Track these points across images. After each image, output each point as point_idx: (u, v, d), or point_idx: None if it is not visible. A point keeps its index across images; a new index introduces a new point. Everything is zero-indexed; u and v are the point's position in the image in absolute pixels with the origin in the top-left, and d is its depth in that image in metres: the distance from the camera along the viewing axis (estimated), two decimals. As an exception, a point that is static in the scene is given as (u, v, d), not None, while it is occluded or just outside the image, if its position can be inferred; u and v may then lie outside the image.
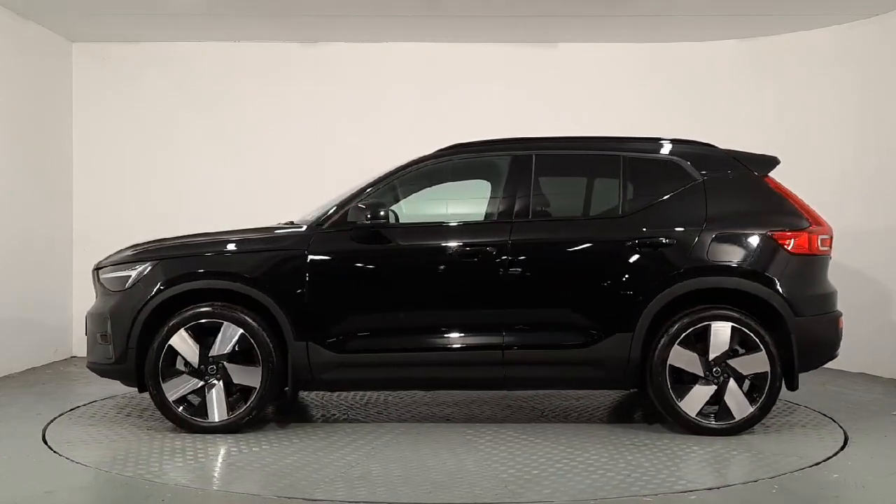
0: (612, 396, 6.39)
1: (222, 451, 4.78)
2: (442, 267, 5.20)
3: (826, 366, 7.64)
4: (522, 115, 8.37)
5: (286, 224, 5.70)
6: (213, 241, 5.37)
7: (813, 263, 5.34)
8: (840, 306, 7.69)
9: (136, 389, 5.24)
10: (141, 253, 5.31)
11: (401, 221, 5.44)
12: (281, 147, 8.46)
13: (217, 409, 5.09)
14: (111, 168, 8.49)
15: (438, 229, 5.36)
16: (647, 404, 6.10)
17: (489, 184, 5.62)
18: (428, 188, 5.61)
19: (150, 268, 5.18)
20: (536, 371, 5.26)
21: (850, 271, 7.70)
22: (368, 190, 5.31)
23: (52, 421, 5.51)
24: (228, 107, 8.52)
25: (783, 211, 5.35)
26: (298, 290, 5.10)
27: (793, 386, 5.23)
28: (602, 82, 8.55)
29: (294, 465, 4.50)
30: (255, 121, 8.51)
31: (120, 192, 8.46)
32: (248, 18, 7.75)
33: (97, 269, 5.43)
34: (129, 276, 5.19)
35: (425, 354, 5.16)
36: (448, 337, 5.16)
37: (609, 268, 5.17)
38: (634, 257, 5.15)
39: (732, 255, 5.19)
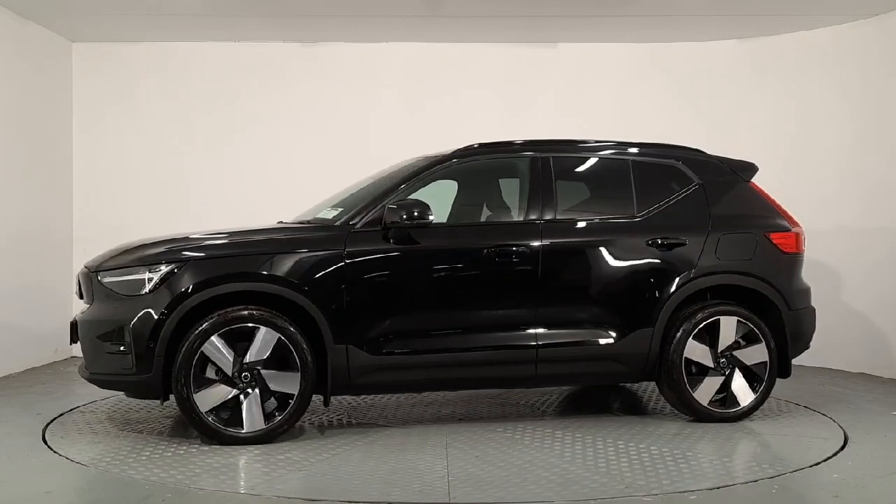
0: (596, 393, 6.41)
1: (243, 455, 4.68)
2: (478, 267, 5.23)
3: (826, 366, 7.74)
4: (522, 115, 8.38)
5: (279, 223, 5.68)
6: (245, 242, 5.11)
7: (798, 261, 5.80)
8: (840, 306, 7.76)
9: (151, 400, 5.11)
10: (162, 254, 4.92)
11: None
12: (281, 147, 8.46)
13: (254, 419, 4.83)
14: (111, 168, 8.49)
15: (473, 230, 5.43)
16: (619, 399, 6.15)
17: (514, 184, 5.69)
18: (452, 187, 5.69)
19: (176, 270, 4.84)
20: (567, 368, 5.38)
21: (850, 271, 7.71)
22: (399, 189, 5.25)
23: (52, 421, 5.51)
24: (228, 107, 8.52)
25: (770, 214, 5.81)
26: (337, 292, 4.95)
27: (786, 374, 5.64)
28: (602, 82, 8.56)
29: (376, 471, 4.40)
30: (254, 121, 8.50)
31: (120, 192, 8.47)
32: (248, 18, 7.75)
33: (96, 271, 5.03)
34: (151, 279, 4.83)
35: (463, 354, 5.17)
36: (485, 336, 5.21)
37: (633, 267, 5.43)
38: (654, 257, 5.45)
39: (737, 255, 5.60)
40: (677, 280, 5.44)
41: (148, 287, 4.83)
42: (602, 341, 5.33)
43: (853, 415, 5.77)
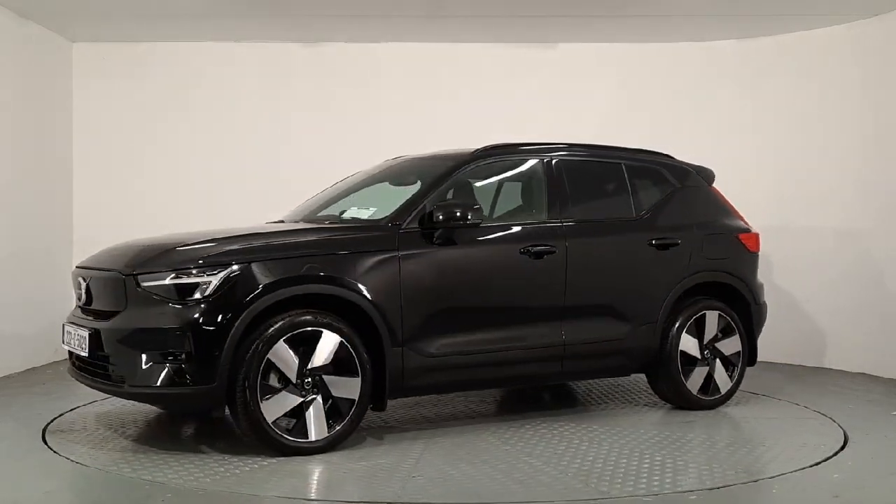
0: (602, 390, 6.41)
1: (315, 463, 4.52)
2: (518, 267, 5.31)
3: (826, 366, 7.75)
4: (522, 115, 8.38)
5: (277, 222, 5.65)
6: (306, 243, 4.87)
7: (757, 259, 6.30)
8: (840, 306, 7.76)
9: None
10: (221, 255, 4.59)
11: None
12: (281, 147, 8.47)
13: (318, 427, 4.62)
14: (111, 168, 8.49)
15: (509, 230, 5.45)
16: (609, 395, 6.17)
17: (530, 185, 5.79)
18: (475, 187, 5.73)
19: (240, 272, 4.53)
20: (587, 363, 5.61)
21: (850, 271, 7.71)
22: (435, 189, 5.22)
23: (52, 421, 5.50)
24: (228, 107, 8.52)
25: (735, 216, 6.30)
26: (394, 294, 4.85)
27: (753, 362, 6.11)
28: (602, 82, 8.56)
29: (494, 472, 4.38)
30: (254, 121, 8.51)
31: (120, 192, 8.46)
32: (248, 18, 7.75)
33: (132, 274, 4.57)
34: (209, 282, 4.48)
35: (505, 353, 5.24)
36: (523, 334, 5.29)
37: (640, 266, 5.74)
38: (656, 256, 5.78)
39: (719, 254, 6.05)
40: (675, 277, 5.81)
41: (208, 290, 4.48)
42: (616, 337, 5.59)
43: (853, 415, 5.77)
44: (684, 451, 4.83)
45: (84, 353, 4.76)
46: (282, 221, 5.84)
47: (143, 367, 4.47)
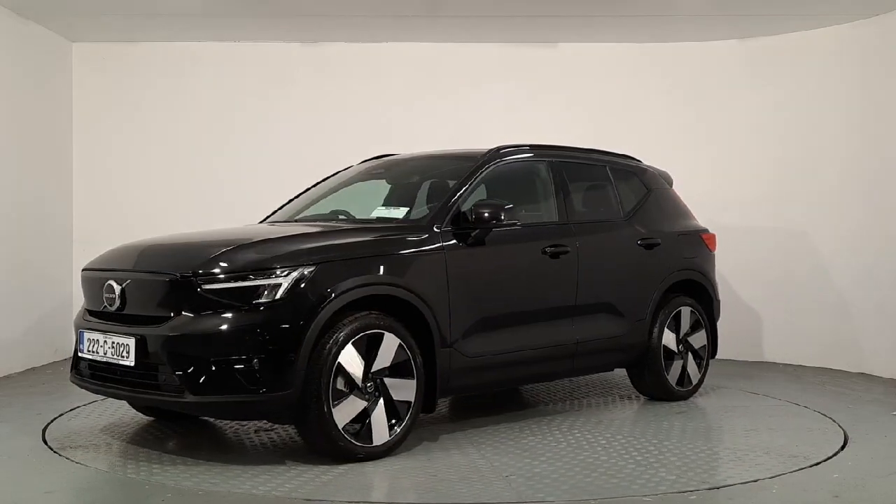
0: (597, 390, 6.41)
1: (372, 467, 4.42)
2: (540, 267, 5.41)
3: (826, 366, 7.74)
4: (522, 115, 8.38)
5: (284, 222, 5.65)
6: (361, 243, 4.73)
7: (714, 258, 6.67)
8: (841, 307, 7.75)
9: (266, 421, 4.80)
10: (289, 256, 4.41)
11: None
12: (281, 147, 8.47)
13: (381, 431, 4.49)
14: (111, 168, 8.49)
15: (531, 231, 5.50)
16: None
17: (537, 185, 5.81)
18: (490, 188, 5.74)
19: (310, 273, 4.35)
20: (591, 360, 5.79)
21: (850, 272, 7.71)
22: (465, 188, 5.20)
23: (52, 421, 5.50)
24: (228, 107, 8.52)
25: (692, 217, 6.66)
26: (442, 294, 4.82)
27: (715, 354, 6.51)
28: (602, 82, 8.56)
29: (576, 468, 4.41)
30: (254, 121, 8.51)
31: (120, 192, 8.47)
32: (248, 18, 7.76)
33: (192, 277, 4.30)
34: (280, 285, 4.28)
35: (529, 352, 5.31)
36: (545, 332, 5.41)
37: (634, 265, 5.98)
38: (644, 255, 6.04)
39: (690, 253, 6.40)
40: (661, 275, 6.10)
41: (279, 293, 4.27)
42: (616, 333, 5.81)
43: (853, 415, 5.77)
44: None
45: (128, 363, 4.41)
46: (289, 221, 5.78)
47: (209, 375, 4.19)
